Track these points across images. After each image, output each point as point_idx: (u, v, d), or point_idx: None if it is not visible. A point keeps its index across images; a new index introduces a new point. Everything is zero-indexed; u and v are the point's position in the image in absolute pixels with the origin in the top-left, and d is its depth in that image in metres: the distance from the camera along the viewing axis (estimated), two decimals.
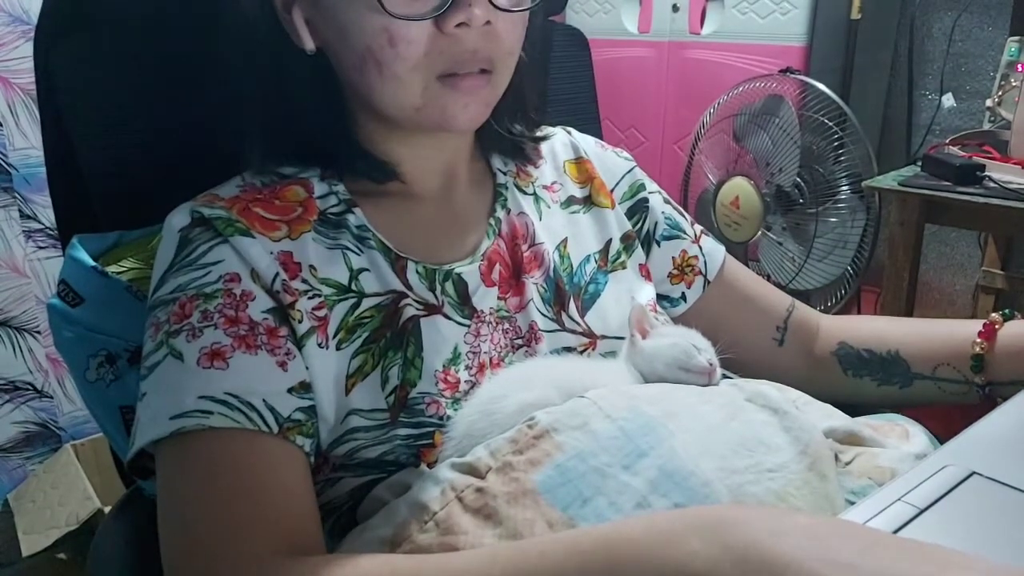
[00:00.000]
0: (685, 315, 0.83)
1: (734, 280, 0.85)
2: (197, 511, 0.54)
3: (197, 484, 0.55)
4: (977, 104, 2.04)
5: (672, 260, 0.83)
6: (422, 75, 0.60)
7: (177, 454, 0.56)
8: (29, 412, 1.93)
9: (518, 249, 0.73)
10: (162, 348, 0.58)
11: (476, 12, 0.58)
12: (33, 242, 1.87)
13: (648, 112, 2.20)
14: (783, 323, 0.84)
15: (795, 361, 0.84)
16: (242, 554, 0.51)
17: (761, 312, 0.84)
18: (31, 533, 1.65)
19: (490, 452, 0.58)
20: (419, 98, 0.61)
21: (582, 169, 0.81)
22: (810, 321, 0.85)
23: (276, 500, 0.55)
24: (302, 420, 0.58)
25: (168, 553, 0.54)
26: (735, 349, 0.70)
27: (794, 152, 1.73)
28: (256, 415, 0.56)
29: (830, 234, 1.76)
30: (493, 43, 0.61)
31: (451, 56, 0.60)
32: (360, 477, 0.61)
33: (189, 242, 0.62)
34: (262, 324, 0.59)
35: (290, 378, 0.59)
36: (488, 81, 0.63)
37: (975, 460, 0.50)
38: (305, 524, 0.56)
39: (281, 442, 0.57)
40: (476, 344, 0.67)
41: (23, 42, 1.77)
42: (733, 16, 1.98)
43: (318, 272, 0.63)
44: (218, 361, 0.57)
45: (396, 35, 0.58)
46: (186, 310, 0.59)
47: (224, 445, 0.55)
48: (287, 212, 0.65)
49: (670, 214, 0.84)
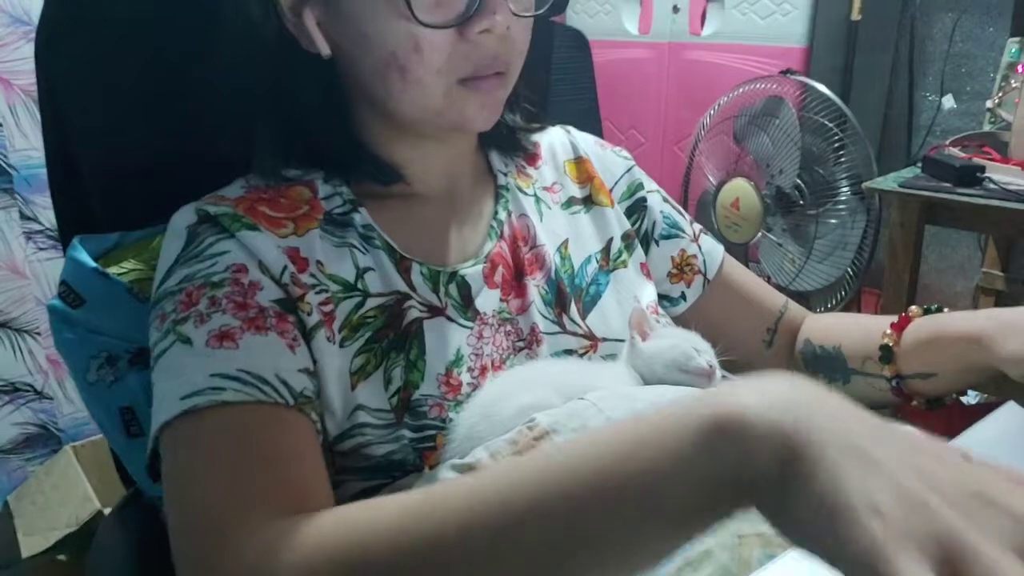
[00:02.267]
0: (685, 315, 0.83)
1: (732, 280, 0.85)
2: (208, 482, 0.51)
3: (210, 457, 0.52)
4: (977, 105, 2.04)
5: (671, 259, 0.83)
6: (444, 79, 0.61)
7: (189, 432, 0.54)
8: (29, 413, 1.93)
9: (520, 251, 0.73)
10: (169, 335, 0.57)
11: (498, 19, 0.59)
12: (33, 243, 1.87)
13: (648, 113, 2.20)
14: (774, 325, 0.84)
15: (779, 363, 0.84)
16: (258, 518, 0.48)
17: (756, 314, 0.85)
18: (31, 534, 1.64)
19: (490, 453, 0.58)
20: (440, 102, 0.62)
21: (582, 168, 0.81)
22: (796, 321, 0.86)
23: (292, 467, 0.53)
24: (312, 398, 0.58)
25: (177, 526, 0.51)
26: (727, 349, 0.70)
27: (794, 153, 1.73)
28: (270, 388, 0.55)
29: (830, 235, 1.76)
30: (509, 47, 0.63)
31: (473, 61, 0.61)
32: (365, 481, 0.61)
33: (196, 235, 0.62)
34: (270, 310, 0.59)
35: (299, 361, 0.58)
36: (502, 82, 0.65)
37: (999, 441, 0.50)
38: (319, 491, 0.54)
39: (296, 414, 0.56)
40: (479, 347, 0.67)
41: (24, 43, 1.77)
42: (733, 17, 1.98)
43: (325, 268, 0.63)
44: (227, 342, 0.56)
45: (422, 41, 0.59)
46: (193, 298, 0.58)
47: (239, 417, 0.54)
48: (293, 210, 0.65)
49: (669, 213, 0.84)
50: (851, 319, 0.83)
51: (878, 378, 0.75)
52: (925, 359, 0.71)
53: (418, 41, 0.59)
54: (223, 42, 0.66)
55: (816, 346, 0.81)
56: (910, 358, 0.72)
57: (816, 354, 0.81)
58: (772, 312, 0.85)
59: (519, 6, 0.62)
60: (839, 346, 0.79)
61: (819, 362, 0.81)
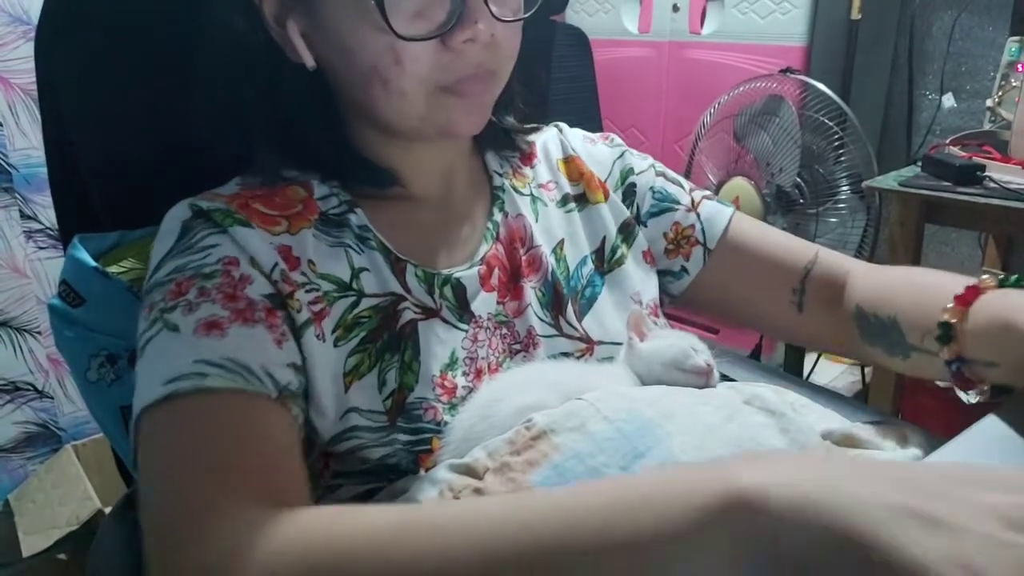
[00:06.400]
0: (692, 287, 0.80)
1: (743, 242, 0.78)
2: (184, 467, 0.50)
3: (186, 443, 0.51)
4: (977, 104, 2.04)
5: (664, 236, 0.81)
6: (426, 87, 0.61)
7: (167, 416, 0.52)
8: (30, 412, 1.93)
9: (516, 253, 0.73)
10: (156, 324, 0.57)
11: (481, 27, 0.58)
12: (33, 242, 1.87)
13: (648, 112, 2.20)
14: (800, 284, 0.75)
15: (819, 329, 0.75)
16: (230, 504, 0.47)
17: (776, 274, 0.76)
18: (31, 533, 1.65)
19: (488, 453, 0.58)
20: (424, 109, 0.62)
21: (572, 167, 0.81)
22: (835, 278, 0.75)
23: (269, 456, 0.52)
24: (296, 392, 0.58)
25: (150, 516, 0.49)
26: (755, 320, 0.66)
27: (794, 152, 1.73)
28: (255, 378, 0.54)
29: (830, 234, 1.76)
30: (495, 53, 0.62)
31: (455, 70, 0.61)
32: (361, 485, 0.61)
33: (189, 229, 0.62)
34: (260, 304, 0.59)
35: (285, 356, 0.58)
36: (488, 87, 0.64)
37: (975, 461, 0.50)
38: (295, 483, 0.53)
39: (279, 407, 0.55)
40: (474, 349, 0.67)
41: (23, 42, 1.77)
42: (733, 16, 1.98)
43: (317, 267, 0.63)
44: (215, 331, 0.55)
45: (402, 54, 0.58)
46: (183, 288, 0.58)
47: (220, 404, 0.53)
48: (287, 208, 0.65)
49: (661, 187, 0.82)
50: (905, 280, 0.70)
51: (934, 357, 0.61)
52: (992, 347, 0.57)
53: (398, 54, 0.58)
54: (211, 52, 0.66)
55: (870, 314, 0.69)
56: (977, 341, 0.58)
57: (871, 323, 0.69)
58: (796, 269, 0.75)
59: (503, 11, 0.61)
60: (894, 316, 0.66)
61: (875, 333, 0.69)
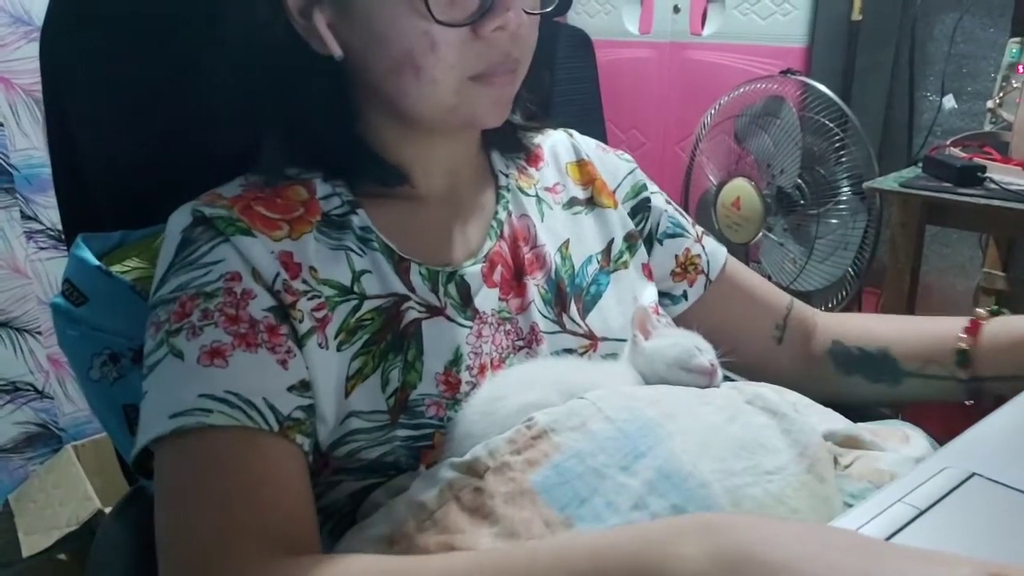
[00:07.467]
0: (686, 313, 0.84)
1: (736, 279, 0.85)
2: (193, 510, 0.54)
3: (195, 483, 0.55)
4: (978, 105, 2.04)
5: (675, 258, 0.83)
6: (456, 76, 0.62)
7: (176, 452, 0.56)
8: (30, 413, 1.93)
9: (520, 251, 0.73)
10: (162, 347, 0.59)
11: (511, 16, 0.60)
12: (34, 243, 1.88)
13: (649, 113, 2.20)
14: (782, 321, 0.84)
15: (793, 360, 0.84)
16: (236, 555, 0.51)
17: (761, 311, 0.85)
18: (32, 534, 1.65)
19: (488, 452, 0.58)
20: (453, 98, 0.63)
21: (584, 171, 0.81)
22: (807, 319, 0.86)
23: (273, 500, 0.55)
24: (301, 419, 0.59)
25: (163, 550, 0.54)
26: (736, 348, 0.70)
27: (795, 153, 1.73)
28: (256, 413, 0.56)
29: (831, 235, 1.76)
30: (521, 44, 0.64)
31: (486, 58, 0.62)
32: (360, 480, 0.62)
33: (191, 242, 0.62)
34: (262, 322, 0.60)
35: (290, 376, 0.59)
36: (513, 79, 0.65)
37: (975, 461, 0.50)
38: (301, 525, 0.56)
39: (281, 440, 0.57)
40: (478, 345, 0.67)
41: (24, 43, 1.77)
42: (734, 17, 1.98)
43: (318, 273, 0.63)
44: (218, 359, 0.57)
45: (438, 40, 0.59)
46: (186, 308, 0.59)
47: (224, 443, 0.55)
48: (289, 211, 0.65)
49: (672, 214, 0.85)
50: (890, 321, 0.83)
51: (945, 380, 0.75)
52: (1008, 363, 0.72)
53: (434, 39, 0.59)
54: (229, 44, 0.66)
55: (852, 347, 0.81)
56: (988, 361, 0.73)
57: (852, 355, 0.81)
58: (779, 308, 0.85)
59: (529, 3, 0.63)
60: (886, 348, 0.79)
61: (857, 364, 0.81)
